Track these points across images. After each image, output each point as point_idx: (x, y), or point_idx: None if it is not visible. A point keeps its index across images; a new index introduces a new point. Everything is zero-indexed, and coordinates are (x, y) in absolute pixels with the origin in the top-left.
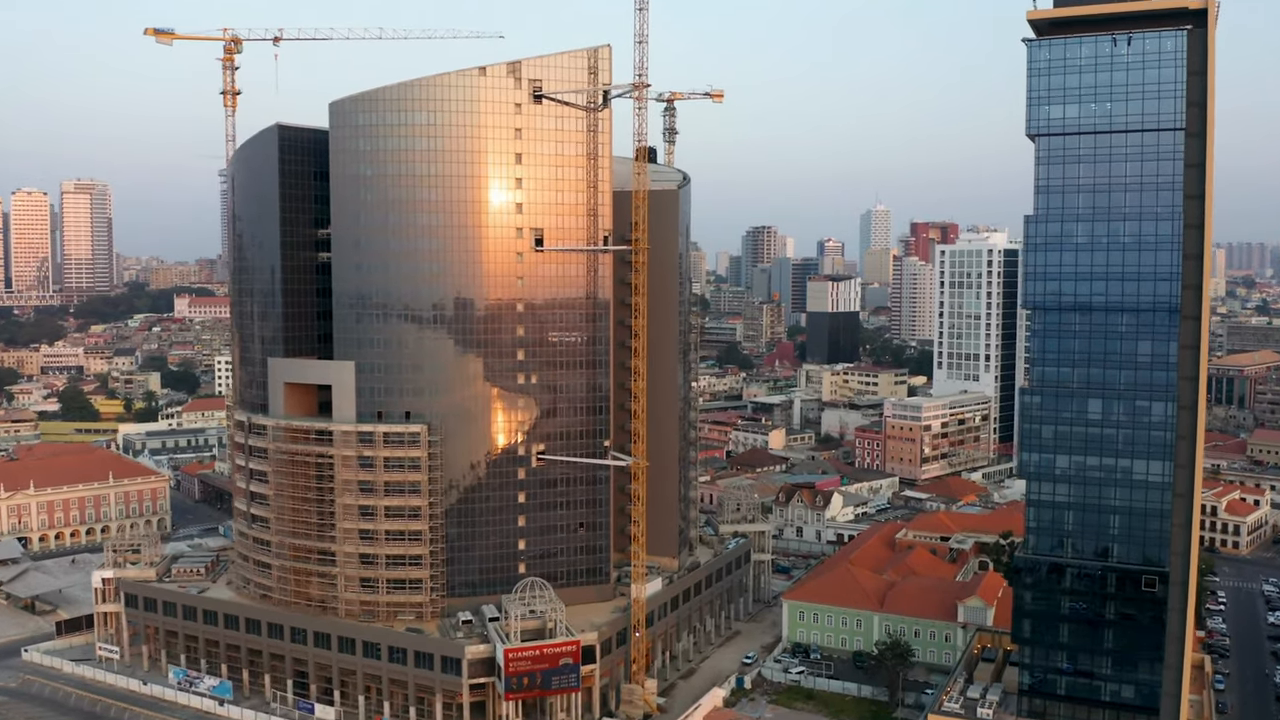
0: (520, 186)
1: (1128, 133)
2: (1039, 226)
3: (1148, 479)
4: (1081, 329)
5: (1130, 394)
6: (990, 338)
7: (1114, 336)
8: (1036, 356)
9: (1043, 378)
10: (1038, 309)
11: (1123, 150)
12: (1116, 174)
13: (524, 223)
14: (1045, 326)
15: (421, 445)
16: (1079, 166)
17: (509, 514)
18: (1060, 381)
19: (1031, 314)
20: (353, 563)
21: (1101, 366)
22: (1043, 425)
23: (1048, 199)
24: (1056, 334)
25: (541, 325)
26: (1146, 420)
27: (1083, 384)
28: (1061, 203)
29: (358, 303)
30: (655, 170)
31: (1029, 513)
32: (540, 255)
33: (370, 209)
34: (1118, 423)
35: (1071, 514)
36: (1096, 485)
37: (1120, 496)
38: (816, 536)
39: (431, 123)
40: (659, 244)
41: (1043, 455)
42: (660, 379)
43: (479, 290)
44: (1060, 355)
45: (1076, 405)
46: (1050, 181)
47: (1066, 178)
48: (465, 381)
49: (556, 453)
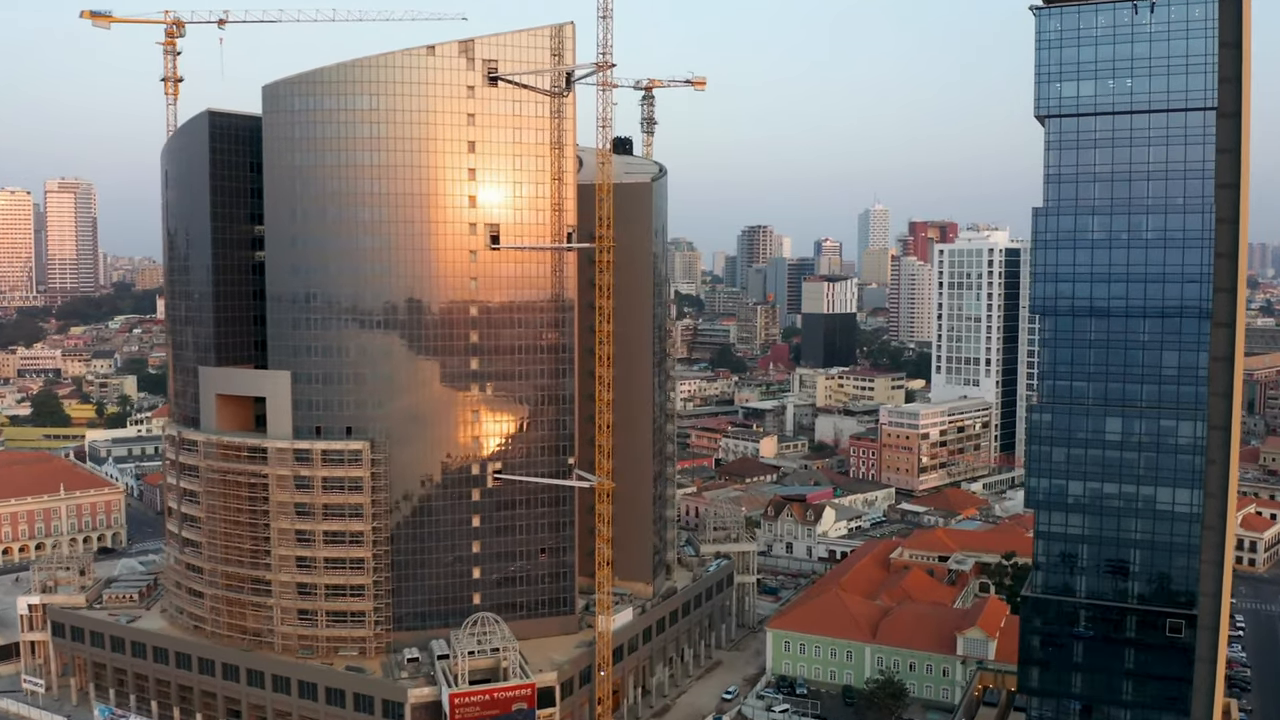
0: (474, 178)
1: (1151, 113)
2: (1049, 220)
3: (1174, 509)
4: (1098, 337)
5: (1154, 412)
6: (991, 341)
7: (1135, 346)
8: (1046, 369)
9: (1053, 393)
10: (1047, 314)
11: (1145, 133)
12: (1138, 160)
13: (478, 218)
14: (1056, 334)
15: (364, 464)
16: (1094, 152)
17: (462, 539)
18: (1073, 397)
19: (1040, 320)
20: (289, 593)
21: (1121, 380)
22: (1053, 447)
23: (1059, 189)
24: (1069, 343)
25: (498, 331)
26: (1173, 442)
27: (1099, 400)
28: (1075, 193)
29: (294, 306)
30: (629, 162)
31: (1037, 545)
32: (496, 254)
33: (307, 203)
34: (1139, 444)
35: (1086, 548)
36: (1115, 516)
37: (1142, 529)
38: (807, 553)
39: (374, 107)
40: (631, 241)
41: (1053, 481)
42: (632, 389)
43: (428, 292)
44: (1073, 367)
45: (1092, 424)
46: (1062, 169)
47: (1080, 165)
48: (413, 394)
49: (515, 471)
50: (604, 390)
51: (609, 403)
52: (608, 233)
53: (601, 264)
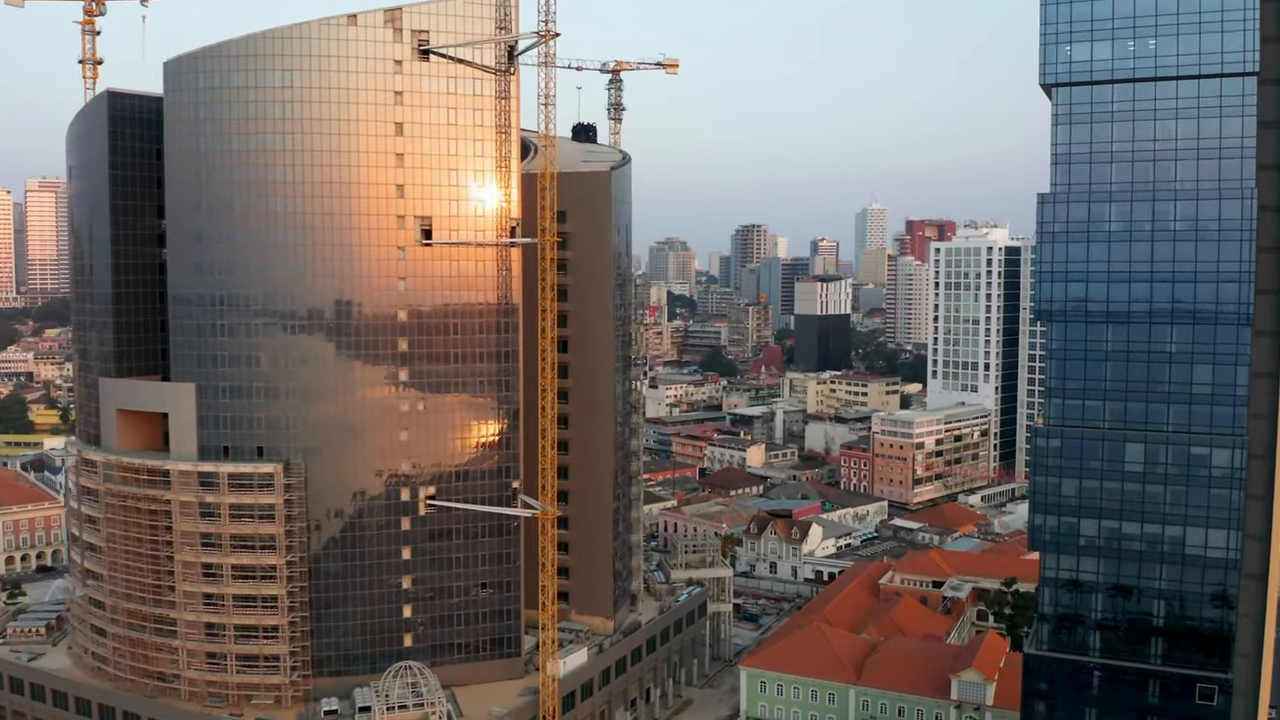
0: (402, 164)
1: (1178, 79)
2: (1056, 209)
3: (1205, 553)
4: (1115, 348)
5: (1182, 437)
6: (990, 345)
7: (1160, 358)
8: (1053, 385)
9: (1062, 414)
10: (1054, 320)
11: (1171, 104)
12: (1163, 136)
13: (407, 210)
14: (1066, 344)
15: (276, 489)
16: (1111, 127)
17: (391, 574)
18: (1085, 419)
19: (1046, 327)
20: (196, 634)
21: (1143, 399)
22: (1062, 478)
23: (1068, 172)
24: (1080, 354)
25: (431, 338)
26: (1205, 473)
27: (1117, 423)
28: (1088, 177)
29: (198, 310)
30: (591, 150)
31: (1042, 594)
32: (429, 251)
33: (213, 193)
34: (1165, 476)
35: (1100, 598)
36: (1135, 560)
37: (1168, 576)
38: (793, 574)
39: (287, 84)
40: (588, 235)
41: (1062, 519)
42: (591, 400)
43: (350, 294)
44: (1085, 383)
45: (1108, 452)
46: (1072, 148)
47: (1095, 142)
48: (333, 409)
49: (451, 497)
50: (548, 405)
51: (554, 419)
52: (552, 225)
53: (545, 261)
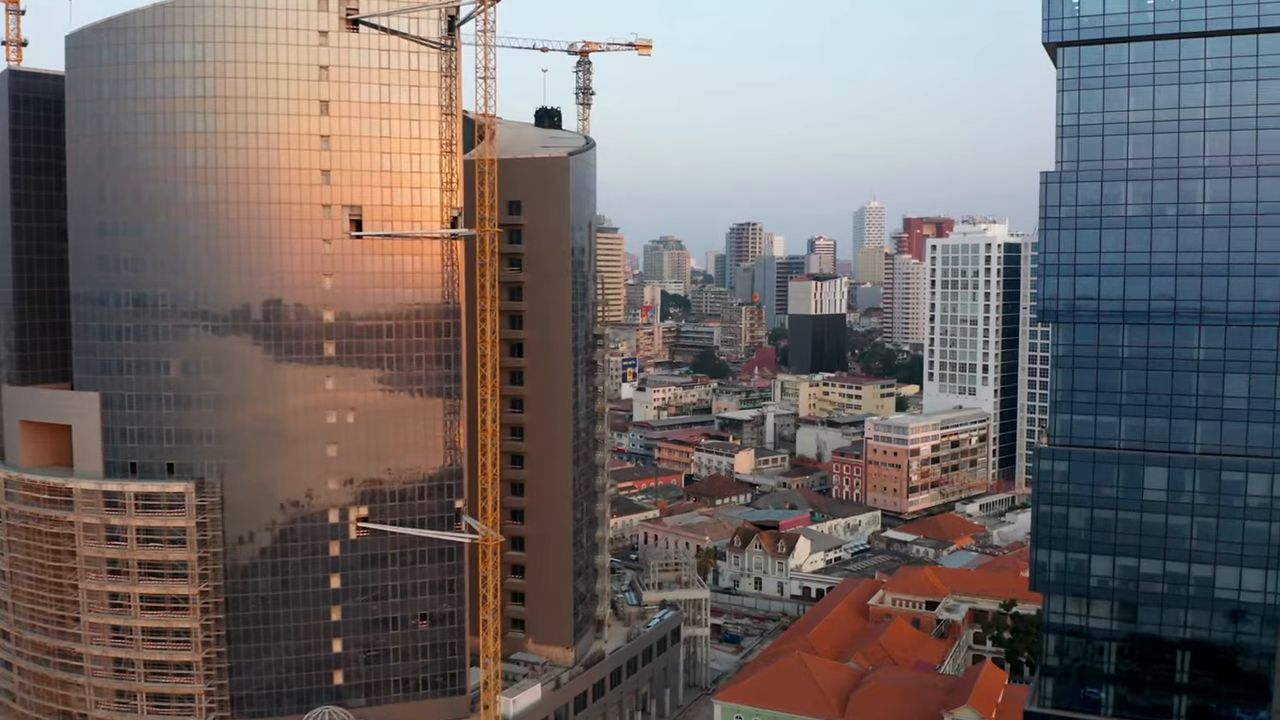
0: (328, 147)
1: (1207, 36)
2: (1063, 190)
3: (1239, 596)
4: (1133, 354)
5: (1212, 460)
6: (989, 346)
7: (1186, 365)
8: (1059, 398)
9: (1070, 432)
10: (1061, 321)
11: (1198, 64)
12: (1190, 103)
13: (334, 198)
14: (1074, 350)
15: (187, 510)
16: (1127, 93)
17: (318, 604)
18: (1098, 438)
19: (1051, 330)
20: (104, 670)
21: (1165, 415)
22: (1070, 508)
23: (1077, 146)
24: (1092, 361)
25: (362, 342)
26: (1239, 503)
27: (1134, 442)
28: (1099, 152)
29: (102, 310)
30: (553, 135)
31: (1047, 642)
32: (359, 244)
33: (118, 180)
34: (1191, 506)
35: (1114, 649)
36: (1155, 605)
37: (1194, 623)
38: (779, 590)
39: (200, 58)
40: (545, 228)
41: (1070, 556)
42: (548, 411)
43: (270, 293)
44: (1098, 396)
45: (1124, 477)
46: (1081, 118)
47: (1108, 111)
48: (251, 422)
49: (385, 519)
50: (489, 418)
51: (495, 433)
52: (492, 215)
53: (485, 255)
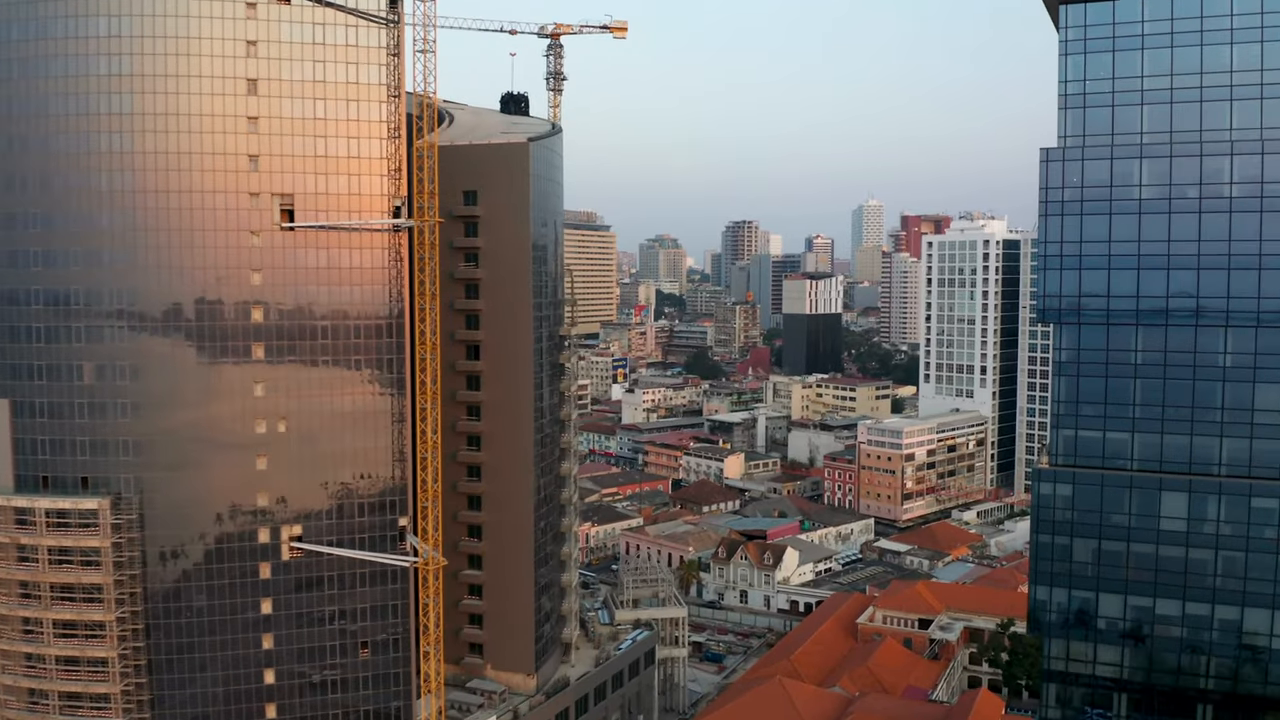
0: (256, 129)
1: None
2: (1066, 169)
3: (1271, 643)
4: (1148, 359)
5: (1240, 484)
6: (987, 346)
7: (1210, 374)
8: (1062, 411)
9: (1074, 450)
10: (1064, 322)
11: (1225, 23)
12: (1215, 67)
13: (262, 186)
14: (1079, 355)
15: (102, 529)
16: (1142, 56)
17: (249, 632)
18: (1106, 457)
19: (1053, 331)
20: (17, 701)
21: (1186, 430)
22: (1074, 539)
23: (1082, 119)
24: (1100, 369)
25: (295, 344)
26: (1270, 533)
27: (1149, 463)
28: (1109, 124)
29: (11, 310)
30: (516, 122)
31: (1047, 692)
32: (292, 236)
33: (26, 167)
34: (1216, 538)
35: (1125, 701)
36: (1172, 652)
37: (1219, 671)
38: (765, 603)
39: (115, 33)
40: (503, 219)
41: (1073, 594)
42: (507, 419)
43: (192, 290)
44: (1107, 408)
45: (1138, 503)
46: (1087, 86)
47: (1119, 77)
48: (172, 431)
49: (321, 538)
50: (429, 429)
51: (436, 445)
52: (432, 203)
53: (425, 248)
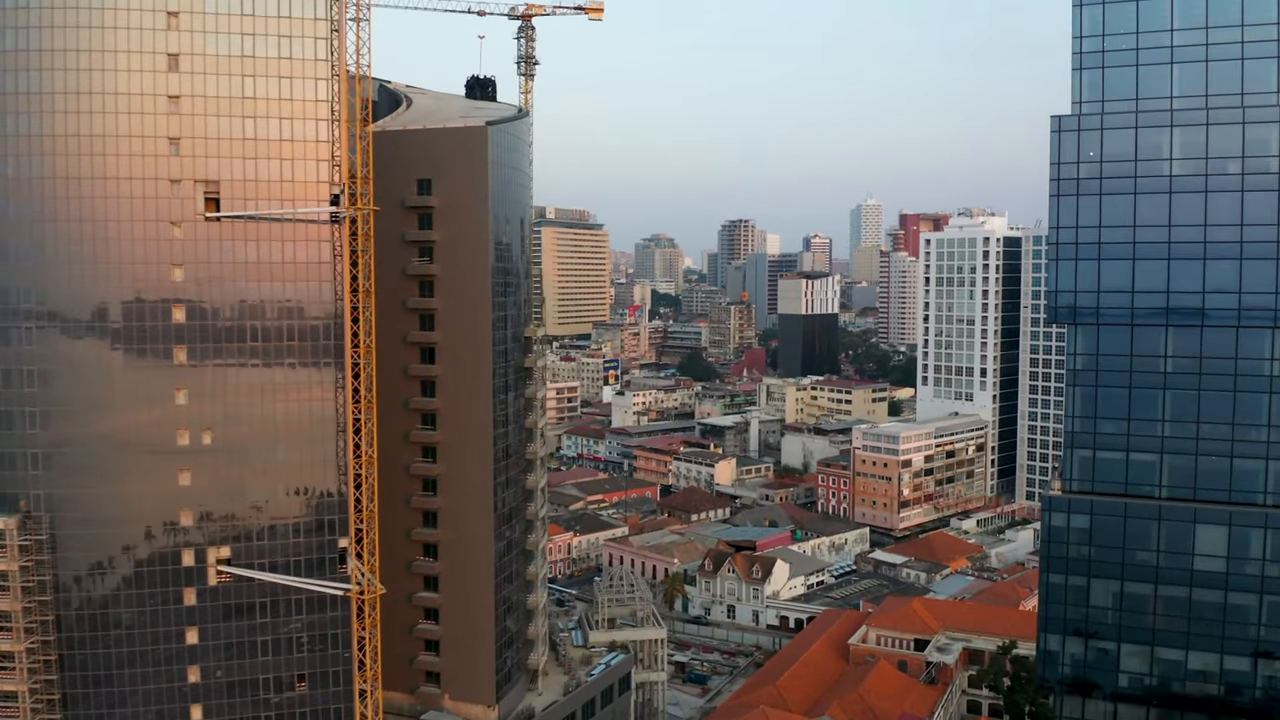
0: (177, 109)
1: None
2: (1081, 140)
3: None
4: (1180, 367)
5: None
6: (987, 348)
7: (1253, 384)
8: (1078, 427)
9: (1091, 475)
10: (1080, 322)
11: None
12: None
13: (184, 172)
14: (1098, 361)
15: (9, 551)
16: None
17: (173, 663)
18: (1130, 483)
19: (1067, 333)
20: None
21: (1225, 452)
22: (1091, 579)
23: (1101, 81)
24: (1123, 378)
25: (221, 347)
26: None
27: (1181, 489)
28: (1133, 87)
29: None
30: (478, 106)
31: None
32: (217, 228)
33: None
34: (1261, 579)
35: None
36: (1206, 714)
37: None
38: (754, 619)
39: (18, 4)
40: (459, 210)
41: (1091, 645)
42: (464, 427)
43: (106, 287)
44: (1132, 426)
45: (1168, 537)
46: (1107, 42)
47: (1144, 31)
48: (86, 443)
49: (252, 561)
50: (363, 441)
51: (372, 460)
52: (365, 192)
53: (360, 240)
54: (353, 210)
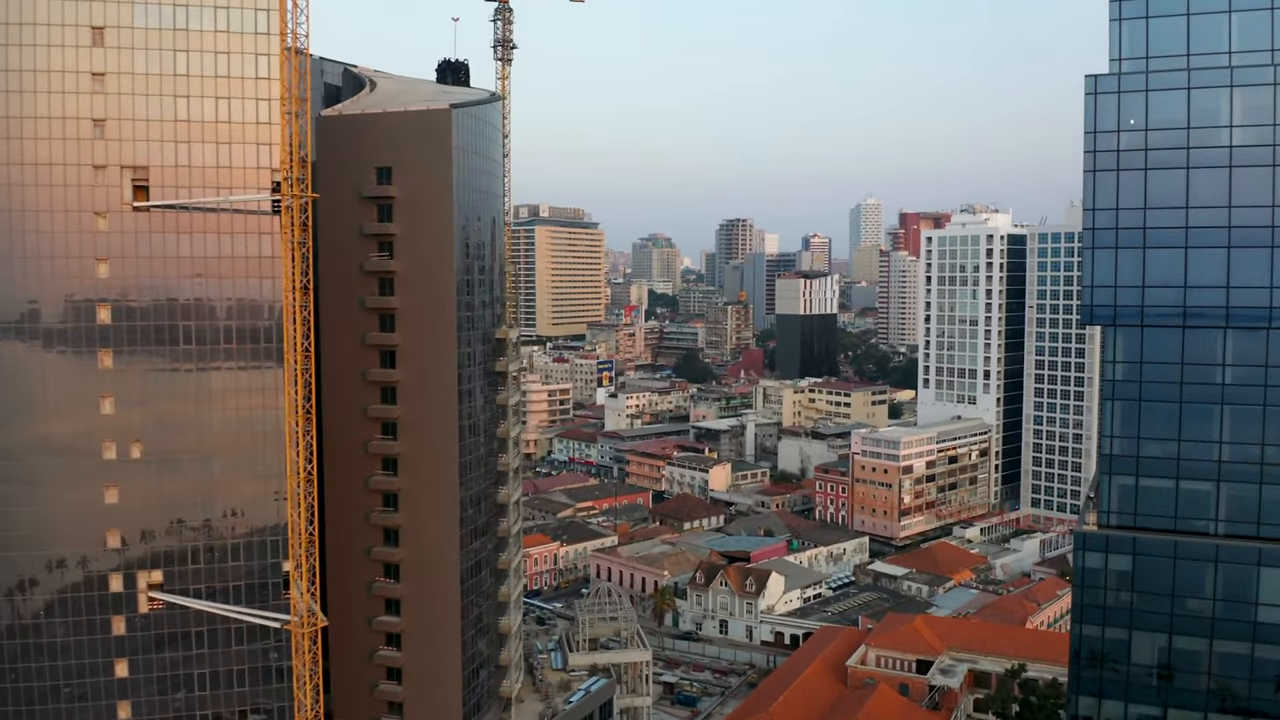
0: (102, 87)
1: None
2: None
3: None
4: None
5: None
6: (991, 349)
7: None
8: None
9: (1134, 506)
10: (1121, 325)
11: None
12: None
13: (110, 157)
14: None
15: None
16: None
17: (100, 699)
18: (1183, 516)
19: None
20: None
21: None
22: (1133, 630)
23: (1144, 33)
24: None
25: (151, 350)
26: None
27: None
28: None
29: None
30: (445, 91)
31: None
32: (146, 219)
33: None
34: None
35: None
36: None
37: None
38: (747, 635)
39: None
40: (421, 201)
41: (1132, 708)
42: (427, 436)
43: (23, 284)
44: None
45: (1226, 584)
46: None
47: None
48: (1, 457)
49: (187, 585)
50: (299, 456)
51: (310, 476)
52: (301, 169)
53: (294, 231)
54: (289, 198)
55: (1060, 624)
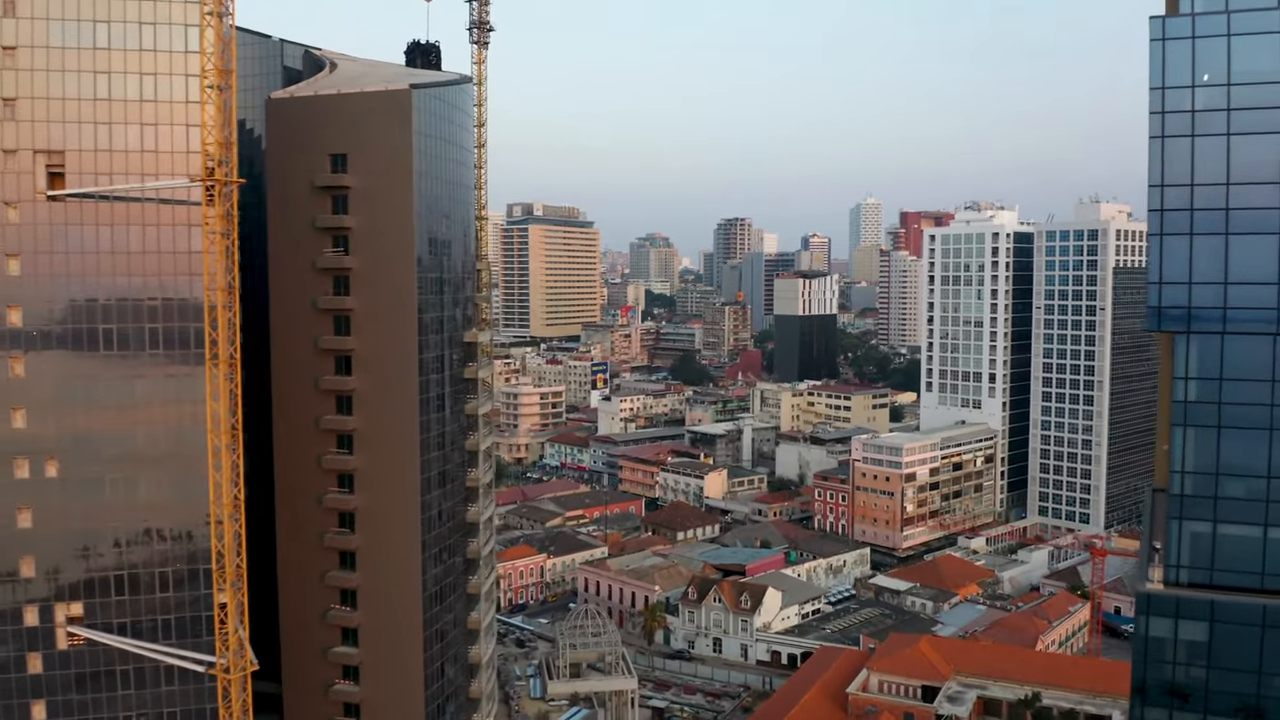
0: (13, 64)
1: None
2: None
3: None
4: None
5: None
6: (996, 352)
7: None
8: (1191, 489)
9: (1210, 560)
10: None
11: None
12: None
13: (20, 140)
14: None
15: None
16: None
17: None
18: (1272, 574)
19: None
20: None
21: None
22: (1209, 715)
23: None
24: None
25: (69, 356)
26: None
27: None
28: None
29: None
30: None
31: None
32: (62, 209)
33: None
34: None
35: None
36: None
37: None
38: (742, 654)
39: None
40: (379, 191)
41: None
42: (386, 450)
43: None
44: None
45: None
46: None
47: None
48: None
49: (110, 619)
50: (223, 479)
51: (236, 500)
52: (226, 153)
53: (213, 223)
54: (210, 181)
55: (1071, 643)
